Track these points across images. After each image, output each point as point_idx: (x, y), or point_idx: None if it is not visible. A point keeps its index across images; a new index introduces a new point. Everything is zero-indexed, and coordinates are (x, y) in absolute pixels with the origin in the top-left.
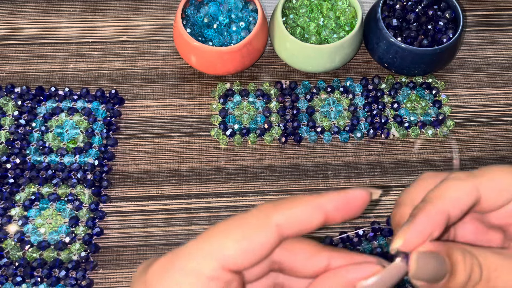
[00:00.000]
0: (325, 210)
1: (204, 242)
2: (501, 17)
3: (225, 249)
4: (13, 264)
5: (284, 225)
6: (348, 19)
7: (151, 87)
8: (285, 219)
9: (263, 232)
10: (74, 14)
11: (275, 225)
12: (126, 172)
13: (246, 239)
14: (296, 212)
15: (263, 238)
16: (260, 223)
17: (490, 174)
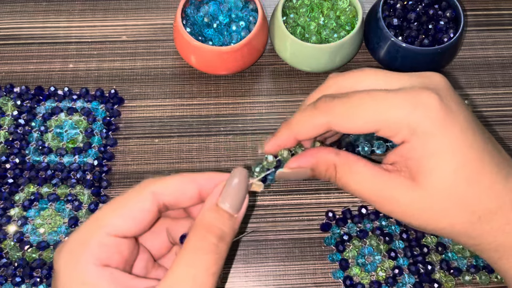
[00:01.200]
0: (199, 183)
1: (94, 218)
2: (502, 16)
3: (110, 219)
4: (12, 265)
5: (160, 193)
6: (348, 18)
7: (150, 87)
8: (161, 187)
9: (139, 198)
10: (74, 13)
11: (150, 193)
12: (125, 172)
13: (124, 207)
14: (171, 182)
15: (140, 204)
16: (136, 192)
17: (345, 109)
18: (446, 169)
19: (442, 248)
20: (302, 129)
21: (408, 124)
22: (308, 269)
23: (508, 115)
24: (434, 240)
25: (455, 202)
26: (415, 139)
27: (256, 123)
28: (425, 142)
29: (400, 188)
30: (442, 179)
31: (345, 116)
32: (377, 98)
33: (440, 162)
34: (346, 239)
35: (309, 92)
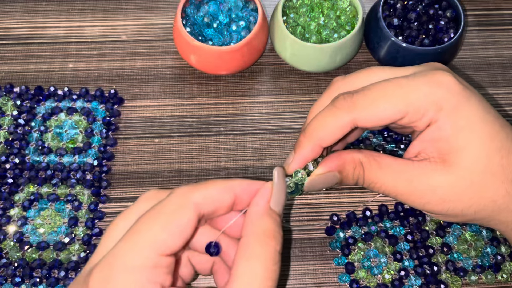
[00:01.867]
0: (235, 192)
1: (135, 236)
2: (503, 16)
3: (156, 236)
4: (12, 265)
5: (201, 203)
6: (348, 18)
7: (150, 86)
8: (202, 197)
9: (184, 212)
10: (73, 13)
11: (193, 204)
12: (125, 172)
13: (171, 222)
14: (210, 191)
15: (185, 217)
16: (180, 204)
17: (369, 101)
18: (478, 142)
19: (447, 248)
20: (325, 134)
21: (434, 101)
22: (309, 270)
23: (509, 115)
24: (439, 241)
25: (492, 174)
26: (442, 116)
27: (256, 123)
28: (453, 117)
29: (434, 174)
30: (476, 153)
31: (372, 108)
32: (400, 83)
33: (471, 136)
34: (351, 242)
35: (309, 92)
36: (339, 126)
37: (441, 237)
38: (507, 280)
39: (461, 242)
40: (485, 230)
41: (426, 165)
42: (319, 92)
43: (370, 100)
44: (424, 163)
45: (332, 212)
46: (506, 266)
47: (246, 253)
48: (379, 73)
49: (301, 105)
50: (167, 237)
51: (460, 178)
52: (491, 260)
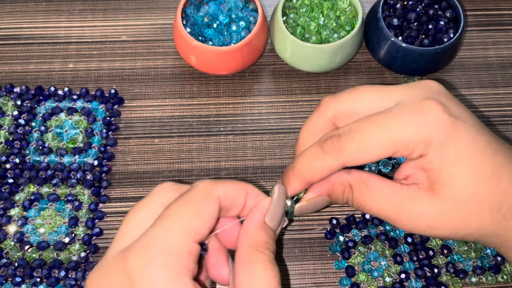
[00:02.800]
0: (247, 193)
1: (170, 221)
2: (502, 16)
3: (189, 223)
4: (12, 265)
5: (222, 196)
6: (348, 18)
7: (150, 87)
8: (223, 191)
9: (210, 201)
10: (74, 13)
11: (216, 196)
12: (125, 172)
13: (200, 211)
14: (228, 186)
15: (212, 207)
16: (205, 195)
17: (356, 146)
18: (467, 173)
19: (447, 250)
20: (314, 175)
21: (423, 139)
22: (308, 269)
23: (509, 115)
24: (439, 243)
25: (480, 204)
26: (432, 151)
27: (256, 123)
28: (442, 152)
29: (421, 201)
30: (464, 184)
31: (359, 152)
32: (385, 123)
33: (460, 168)
34: (351, 245)
35: (309, 92)
36: (327, 169)
37: (441, 239)
38: (507, 281)
39: (461, 243)
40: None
41: (414, 191)
42: (319, 92)
43: (357, 144)
44: (413, 189)
45: (331, 215)
46: (506, 267)
47: (243, 260)
48: (366, 95)
49: (301, 105)
50: (199, 224)
51: (447, 207)
52: (491, 261)
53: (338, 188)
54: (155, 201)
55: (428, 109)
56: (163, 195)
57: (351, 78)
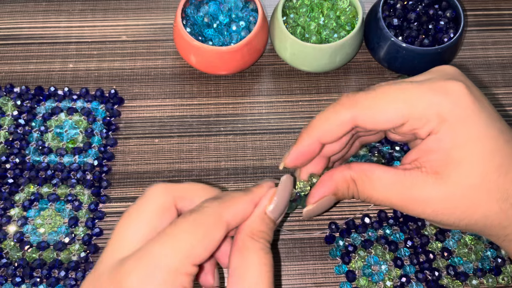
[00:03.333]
0: (256, 202)
1: (173, 240)
2: (502, 16)
3: (193, 247)
4: (12, 265)
5: (231, 220)
6: (348, 18)
7: (150, 87)
8: (232, 216)
9: (218, 229)
10: (74, 13)
11: (225, 223)
12: (125, 172)
13: (206, 237)
14: (238, 208)
15: (218, 234)
16: (215, 222)
17: (370, 101)
18: (476, 158)
19: (447, 253)
20: (325, 129)
21: (438, 112)
22: (308, 269)
23: (509, 115)
24: (439, 246)
25: (487, 192)
26: (444, 128)
27: (256, 123)
28: (455, 131)
29: (425, 186)
30: (472, 169)
31: (372, 109)
32: (405, 88)
33: (470, 151)
34: (351, 250)
35: (309, 92)
36: (340, 123)
37: (441, 241)
38: (508, 283)
39: (461, 246)
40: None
41: (418, 175)
42: (319, 92)
43: (372, 100)
44: (416, 173)
45: (330, 219)
46: (506, 269)
47: (238, 246)
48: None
49: (301, 105)
50: (202, 250)
51: (452, 192)
52: (491, 263)
53: (342, 185)
54: (147, 209)
55: (452, 86)
56: (154, 200)
57: (351, 78)
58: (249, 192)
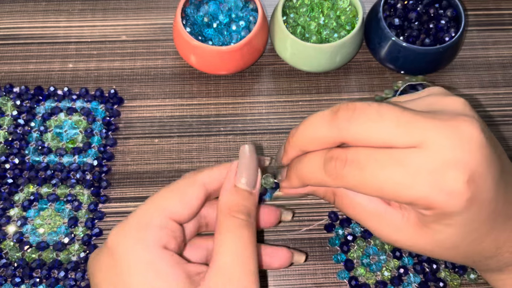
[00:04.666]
0: (234, 170)
1: (153, 202)
2: (503, 16)
3: (170, 204)
4: (12, 265)
5: (207, 182)
6: (349, 18)
7: (150, 86)
8: (207, 178)
9: (194, 188)
10: (73, 13)
11: (202, 183)
12: (125, 172)
13: (183, 195)
14: (213, 172)
15: (195, 192)
16: (190, 182)
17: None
18: (463, 233)
19: (451, 263)
20: (309, 179)
21: (429, 204)
22: (309, 269)
23: (509, 115)
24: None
25: (463, 254)
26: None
27: (256, 123)
28: (446, 224)
29: (407, 231)
30: (456, 239)
31: (359, 189)
32: (400, 170)
33: (460, 229)
34: (350, 239)
35: (309, 92)
36: (323, 185)
37: None
38: None
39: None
40: None
41: (400, 219)
42: (319, 92)
43: (360, 180)
44: (398, 216)
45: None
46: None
47: (217, 228)
48: (385, 122)
49: (301, 105)
50: (178, 207)
51: (431, 243)
52: None
53: (319, 190)
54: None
55: (450, 180)
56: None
57: (351, 78)
58: (230, 162)
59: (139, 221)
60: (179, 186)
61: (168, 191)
